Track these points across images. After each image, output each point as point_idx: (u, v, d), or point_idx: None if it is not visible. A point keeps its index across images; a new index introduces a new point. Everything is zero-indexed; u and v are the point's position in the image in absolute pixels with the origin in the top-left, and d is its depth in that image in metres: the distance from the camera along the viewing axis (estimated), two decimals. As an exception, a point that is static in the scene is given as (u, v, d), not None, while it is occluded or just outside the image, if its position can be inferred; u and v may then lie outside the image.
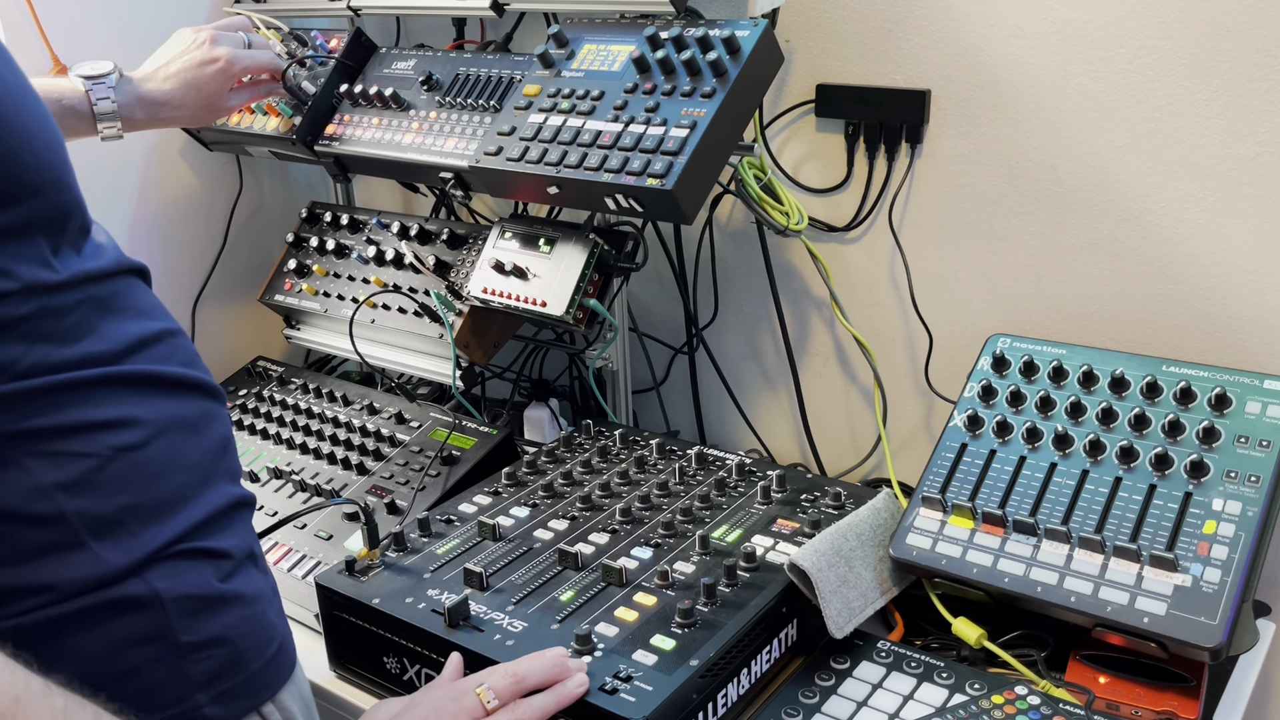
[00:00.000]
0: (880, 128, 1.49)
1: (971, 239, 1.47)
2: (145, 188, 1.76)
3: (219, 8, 1.80)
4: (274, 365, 1.79)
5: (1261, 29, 1.21)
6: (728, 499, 1.30)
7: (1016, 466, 1.20)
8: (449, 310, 1.53)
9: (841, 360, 1.65)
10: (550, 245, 1.46)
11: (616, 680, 0.97)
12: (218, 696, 0.83)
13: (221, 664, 0.84)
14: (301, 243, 1.78)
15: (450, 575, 1.16)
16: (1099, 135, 1.34)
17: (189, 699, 0.82)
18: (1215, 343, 1.33)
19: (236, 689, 0.85)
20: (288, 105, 1.65)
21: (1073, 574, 1.09)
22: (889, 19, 1.45)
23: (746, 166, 1.39)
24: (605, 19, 1.43)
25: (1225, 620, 1.00)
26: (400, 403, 1.60)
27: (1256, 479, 1.09)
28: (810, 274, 1.62)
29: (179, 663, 0.81)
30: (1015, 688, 1.05)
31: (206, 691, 0.82)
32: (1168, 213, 1.32)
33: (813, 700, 1.06)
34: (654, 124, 1.26)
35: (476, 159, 1.38)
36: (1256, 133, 1.24)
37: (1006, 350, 1.31)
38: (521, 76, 1.46)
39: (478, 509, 1.31)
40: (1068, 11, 1.31)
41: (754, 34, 1.26)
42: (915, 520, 1.20)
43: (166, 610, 0.80)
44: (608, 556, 1.18)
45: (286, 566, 1.35)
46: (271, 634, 0.90)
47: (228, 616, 0.85)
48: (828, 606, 1.10)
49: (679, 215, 1.24)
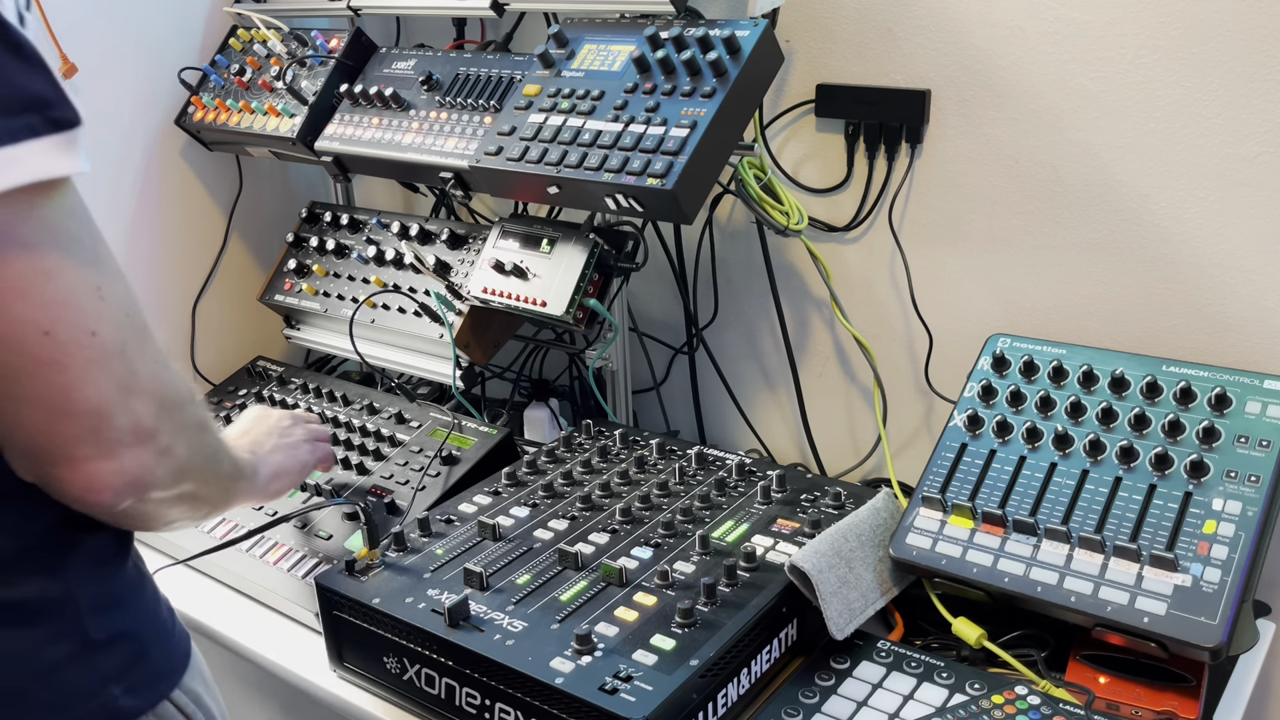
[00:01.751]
0: (880, 128, 1.49)
1: (971, 239, 1.47)
2: (145, 188, 1.76)
3: (219, 8, 1.80)
4: (274, 365, 1.79)
5: (1261, 29, 1.21)
6: (728, 499, 1.30)
7: (1016, 466, 1.20)
8: (449, 310, 1.53)
9: (841, 360, 1.65)
10: (550, 245, 1.46)
11: (616, 680, 0.97)
12: (129, 688, 0.84)
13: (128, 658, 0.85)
14: (301, 243, 1.78)
15: (450, 575, 1.16)
16: (1099, 135, 1.34)
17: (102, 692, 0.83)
18: (1215, 343, 1.33)
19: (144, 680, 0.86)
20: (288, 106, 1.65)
21: (1073, 574, 1.09)
22: (889, 19, 1.45)
23: (746, 166, 1.39)
24: (605, 19, 1.43)
25: (1225, 620, 1.00)
26: (400, 403, 1.60)
27: (1256, 479, 1.09)
28: (810, 274, 1.62)
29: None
30: (1015, 688, 1.05)
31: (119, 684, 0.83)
32: (1168, 213, 1.32)
33: (813, 700, 1.06)
34: (654, 124, 1.26)
35: (476, 159, 1.38)
36: (1256, 133, 1.24)
37: (1006, 350, 1.31)
38: (521, 76, 1.46)
39: (478, 509, 1.31)
40: (1068, 11, 1.31)
41: (754, 34, 1.26)
42: (915, 520, 1.20)
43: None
44: (608, 556, 1.18)
45: (286, 566, 1.35)
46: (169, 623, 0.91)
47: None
48: (828, 608, 1.10)
49: (679, 215, 1.24)
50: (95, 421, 0.72)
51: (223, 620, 1.35)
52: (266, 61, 1.73)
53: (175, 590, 1.40)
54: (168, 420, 0.77)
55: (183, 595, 1.40)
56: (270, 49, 1.72)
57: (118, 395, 0.73)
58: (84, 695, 0.81)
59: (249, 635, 1.31)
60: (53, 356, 0.69)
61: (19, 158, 0.66)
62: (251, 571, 1.37)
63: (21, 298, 0.68)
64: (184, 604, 1.38)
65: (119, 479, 0.74)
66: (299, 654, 1.26)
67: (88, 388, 0.71)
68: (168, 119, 1.77)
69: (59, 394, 0.70)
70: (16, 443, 0.73)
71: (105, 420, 0.73)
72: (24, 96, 0.67)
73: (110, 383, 0.72)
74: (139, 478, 0.76)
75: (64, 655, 0.80)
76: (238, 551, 1.40)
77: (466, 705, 1.07)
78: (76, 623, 0.80)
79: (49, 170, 0.68)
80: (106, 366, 0.72)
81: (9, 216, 0.67)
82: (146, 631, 0.87)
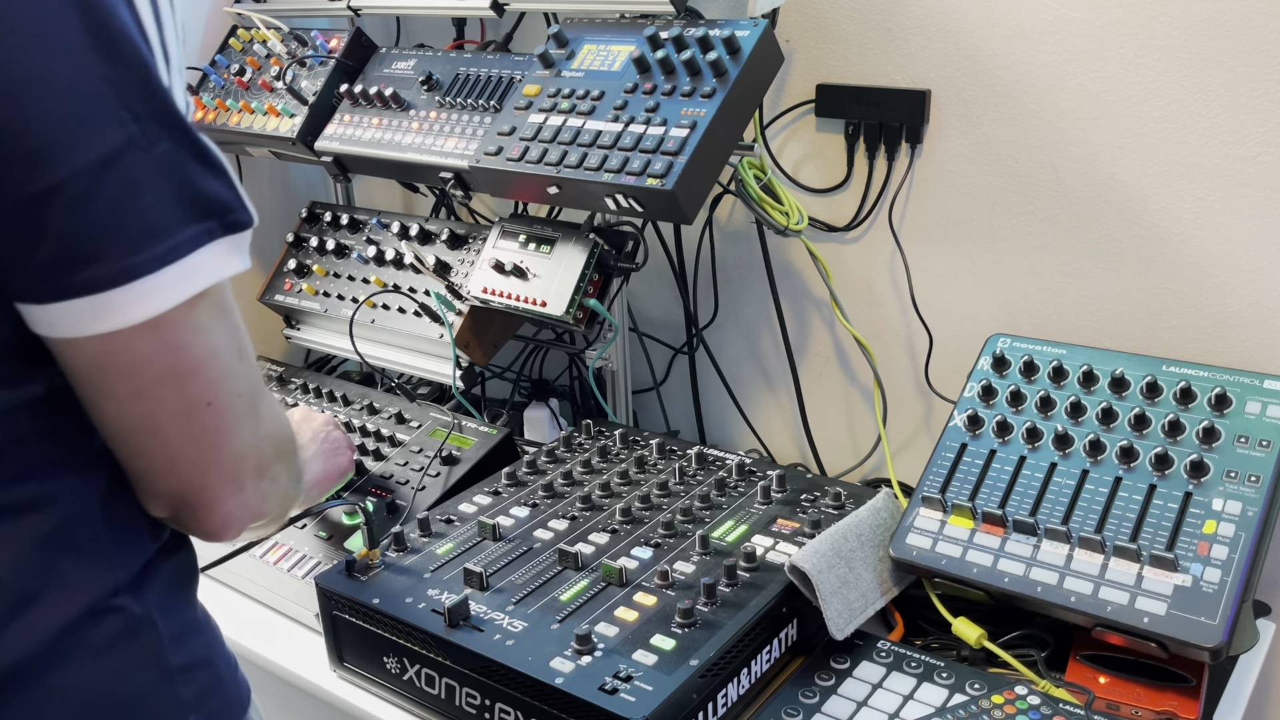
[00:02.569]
0: (880, 128, 1.49)
1: (971, 239, 1.47)
2: (145, 188, 1.76)
3: (219, 8, 1.80)
4: (274, 365, 1.79)
5: (1261, 29, 1.21)
6: (728, 499, 1.30)
7: (1016, 466, 1.20)
8: (449, 310, 1.53)
9: (841, 360, 1.65)
10: (550, 245, 1.46)
11: (616, 680, 0.97)
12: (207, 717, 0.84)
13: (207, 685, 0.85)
14: (301, 243, 1.78)
15: (450, 575, 1.16)
16: (1099, 135, 1.34)
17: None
18: (1215, 343, 1.33)
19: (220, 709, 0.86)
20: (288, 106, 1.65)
21: (1073, 574, 1.09)
22: (889, 19, 1.45)
23: (746, 166, 1.39)
24: (605, 19, 1.43)
25: (1225, 620, 1.00)
26: (400, 403, 1.60)
27: (1256, 479, 1.09)
28: (810, 274, 1.62)
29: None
30: (1015, 688, 1.05)
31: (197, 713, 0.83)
32: (1168, 213, 1.32)
33: (813, 700, 1.06)
34: (654, 124, 1.26)
35: (476, 159, 1.38)
36: (1256, 133, 1.24)
37: (1006, 350, 1.31)
38: (521, 76, 1.46)
39: (478, 509, 1.31)
40: (1068, 11, 1.31)
41: (754, 34, 1.26)
42: (915, 520, 1.20)
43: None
44: (608, 556, 1.18)
45: (286, 566, 1.35)
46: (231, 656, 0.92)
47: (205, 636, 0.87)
48: (828, 608, 1.10)
49: (679, 215, 1.24)
50: (236, 469, 0.78)
51: (223, 620, 1.33)
52: (266, 61, 1.73)
53: (175, 590, 1.41)
54: (279, 452, 0.83)
55: (183, 595, 1.40)
56: (270, 49, 1.72)
57: (253, 441, 0.79)
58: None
59: (249, 635, 1.31)
60: (214, 423, 0.75)
61: (201, 264, 0.70)
62: (252, 571, 1.37)
63: (194, 378, 0.73)
64: (184, 604, 1.39)
65: (245, 513, 0.80)
66: (299, 654, 1.26)
67: (235, 442, 0.77)
68: (168, 119, 1.77)
69: (211, 451, 0.76)
70: (157, 489, 0.77)
71: (242, 464, 0.78)
72: (207, 202, 0.71)
73: (250, 432, 0.78)
74: (259, 509, 0.82)
75: (146, 683, 0.80)
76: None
77: (466, 705, 1.07)
78: (159, 649, 0.81)
79: (224, 273, 0.73)
80: (247, 419, 0.77)
81: (189, 313, 0.71)
82: (221, 660, 0.87)
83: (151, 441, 0.74)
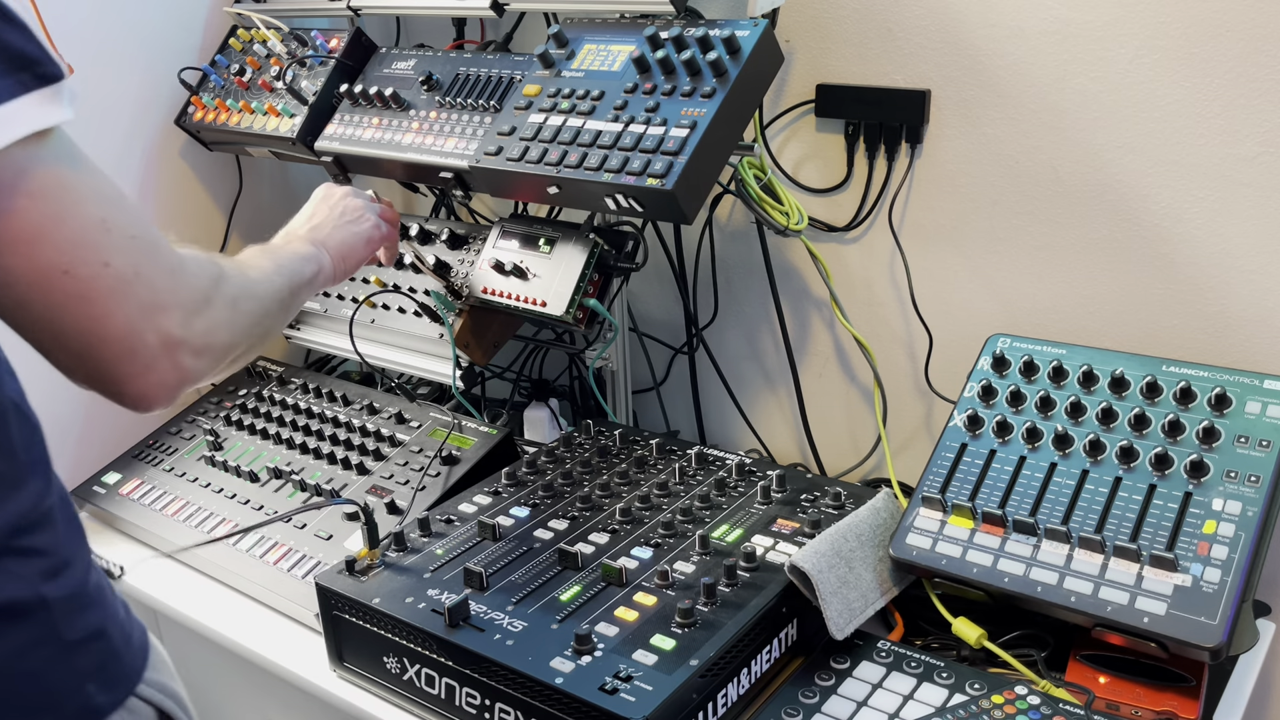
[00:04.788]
0: (880, 128, 1.49)
1: (971, 239, 1.47)
2: (145, 188, 1.76)
3: (219, 8, 1.80)
4: (274, 365, 1.79)
5: (1261, 29, 1.21)
6: (728, 499, 1.30)
7: (1016, 466, 1.20)
8: (449, 310, 1.53)
9: (841, 360, 1.65)
10: (550, 245, 1.46)
11: (616, 680, 0.97)
12: (103, 685, 0.86)
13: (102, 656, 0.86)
14: (301, 243, 1.78)
15: (450, 575, 1.16)
16: (1099, 135, 1.34)
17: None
18: (1215, 342, 1.33)
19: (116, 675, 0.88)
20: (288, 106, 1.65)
21: (1073, 574, 1.09)
22: (889, 19, 1.45)
23: (746, 166, 1.39)
24: (605, 19, 1.43)
25: (1225, 620, 1.00)
26: (400, 403, 1.60)
27: (1256, 479, 1.09)
28: (810, 274, 1.62)
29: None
30: (1015, 688, 1.05)
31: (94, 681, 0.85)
32: (1168, 213, 1.32)
33: (813, 700, 1.06)
34: (654, 124, 1.26)
35: (476, 159, 1.38)
36: (1256, 133, 1.24)
37: (1006, 350, 1.31)
38: (521, 76, 1.46)
39: (478, 509, 1.31)
40: (1068, 11, 1.31)
41: (754, 34, 1.26)
42: (915, 520, 1.20)
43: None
44: (608, 556, 1.18)
45: (286, 566, 1.35)
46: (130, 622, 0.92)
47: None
48: (828, 608, 1.10)
49: (679, 215, 1.24)
50: (129, 344, 0.78)
51: (223, 620, 1.35)
52: (266, 61, 1.73)
53: (175, 590, 1.41)
54: (197, 321, 0.83)
55: (183, 595, 1.40)
56: (270, 49, 1.72)
57: (142, 316, 0.78)
58: (66, 695, 0.83)
59: (249, 635, 1.31)
60: (78, 291, 0.75)
61: (15, 113, 0.72)
62: (251, 571, 1.37)
63: (40, 243, 0.74)
64: (184, 603, 1.39)
65: (163, 389, 0.81)
66: (299, 654, 1.26)
67: (115, 315, 0.77)
68: (167, 119, 1.77)
69: (91, 324, 0.76)
70: (62, 365, 0.80)
71: (137, 340, 0.78)
72: (13, 56, 0.73)
73: (133, 307, 0.78)
74: (182, 380, 0.82)
75: (45, 658, 0.82)
76: (237, 551, 1.40)
77: (466, 705, 1.07)
78: (51, 626, 0.82)
79: (41, 121, 0.74)
80: (126, 293, 0.78)
81: (13, 169, 0.73)
82: (114, 629, 0.89)
83: (23, 315, 0.76)
